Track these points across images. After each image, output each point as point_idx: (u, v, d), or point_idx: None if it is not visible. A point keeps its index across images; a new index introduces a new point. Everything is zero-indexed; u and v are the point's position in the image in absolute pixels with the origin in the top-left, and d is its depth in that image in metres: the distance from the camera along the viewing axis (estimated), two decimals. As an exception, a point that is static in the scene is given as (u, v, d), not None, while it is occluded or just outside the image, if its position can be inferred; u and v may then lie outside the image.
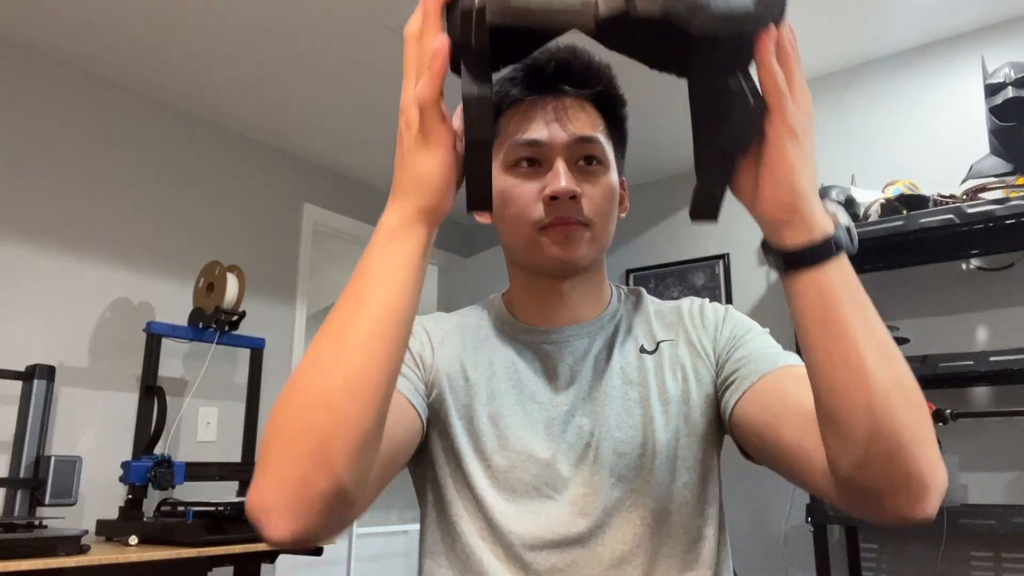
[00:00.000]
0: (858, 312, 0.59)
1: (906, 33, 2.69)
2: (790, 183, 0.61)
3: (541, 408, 0.79)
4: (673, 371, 0.81)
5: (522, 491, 0.76)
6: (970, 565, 2.32)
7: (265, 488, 0.58)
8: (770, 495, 2.77)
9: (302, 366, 0.60)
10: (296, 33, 2.32)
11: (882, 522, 0.62)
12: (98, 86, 2.60)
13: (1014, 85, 2.18)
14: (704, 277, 3.15)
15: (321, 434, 0.57)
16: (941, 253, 2.47)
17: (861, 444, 0.59)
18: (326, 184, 3.40)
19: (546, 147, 0.77)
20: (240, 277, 2.50)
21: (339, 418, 0.58)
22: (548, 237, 0.77)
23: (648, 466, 0.77)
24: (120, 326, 2.56)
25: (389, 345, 0.60)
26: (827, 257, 0.60)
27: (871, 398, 0.58)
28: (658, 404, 0.79)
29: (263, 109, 2.83)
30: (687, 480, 0.78)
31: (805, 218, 0.60)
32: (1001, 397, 2.36)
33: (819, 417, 0.62)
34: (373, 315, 0.59)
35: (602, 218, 0.78)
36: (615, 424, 0.78)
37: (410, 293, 0.61)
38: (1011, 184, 2.17)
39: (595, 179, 0.78)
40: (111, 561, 1.79)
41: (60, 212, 2.45)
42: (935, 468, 0.60)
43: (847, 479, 0.61)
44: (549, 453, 0.77)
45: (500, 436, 0.78)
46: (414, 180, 0.61)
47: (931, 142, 2.67)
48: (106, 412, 2.47)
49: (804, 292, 0.61)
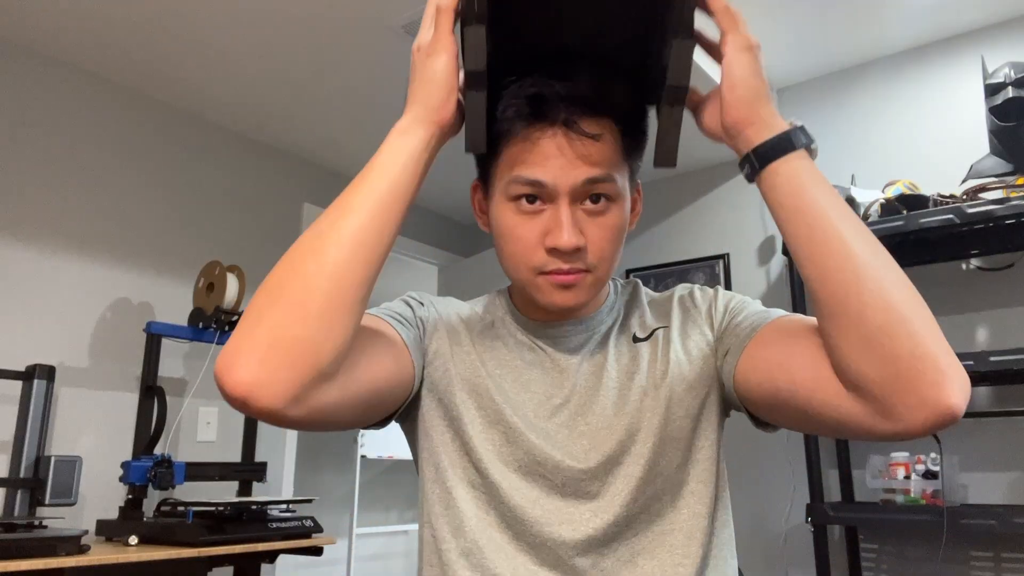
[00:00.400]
0: (829, 196, 0.65)
1: (906, 33, 2.69)
2: (747, 85, 0.69)
3: (535, 397, 0.80)
4: (665, 355, 0.81)
5: (515, 467, 0.77)
6: (970, 565, 2.32)
7: (240, 333, 0.62)
8: (770, 495, 2.77)
9: (305, 231, 0.67)
10: (296, 33, 2.32)
11: (910, 426, 0.60)
12: (98, 86, 2.60)
13: (1014, 85, 2.18)
14: (704, 277, 3.15)
15: (306, 278, 0.63)
16: (941, 253, 2.47)
17: (859, 326, 0.60)
18: (326, 184, 3.40)
19: (550, 188, 0.73)
20: (240, 277, 2.50)
21: (326, 268, 0.63)
22: (549, 283, 0.75)
23: (640, 450, 0.77)
24: (120, 326, 2.56)
25: (384, 215, 0.68)
26: (791, 149, 0.67)
27: (857, 271, 0.61)
28: (651, 388, 0.79)
29: (263, 109, 2.83)
30: (680, 460, 0.78)
31: (765, 118, 0.69)
32: (1001, 397, 2.36)
33: (818, 316, 0.65)
34: (375, 188, 0.68)
35: (607, 263, 0.76)
36: (613, 412, 0.78)
37: (409, 177, 0.70)
38: (1011, 184, 2.17)
39: (602, 220, 0.75)
40: (111, 561, 1.79)
41: (60, 212, 2.45)
42: (944, 350, 0.59)
43: (859, 378, 0.61)
44: (544, 440, 0.78)
45: (497, 411, 0.79)
46: (424, 84, 0.71)
47: (931, 142, 2.67)
48: (106, 412, 2.47)
49: (777, 184, 0.67)
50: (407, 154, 0.70)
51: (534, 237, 0.74)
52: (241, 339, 0.61)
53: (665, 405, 0.78)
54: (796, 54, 2.84)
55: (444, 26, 0.71)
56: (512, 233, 0.75)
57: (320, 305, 0.62)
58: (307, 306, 0.62)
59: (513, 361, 0.83)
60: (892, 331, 0.59)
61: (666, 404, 0.78)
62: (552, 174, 0.72)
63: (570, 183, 0.72)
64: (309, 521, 2.27)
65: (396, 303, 0.86)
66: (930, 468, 2.18)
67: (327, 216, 0.67)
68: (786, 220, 0.67)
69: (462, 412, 0.79)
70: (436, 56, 0.71)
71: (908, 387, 0.59)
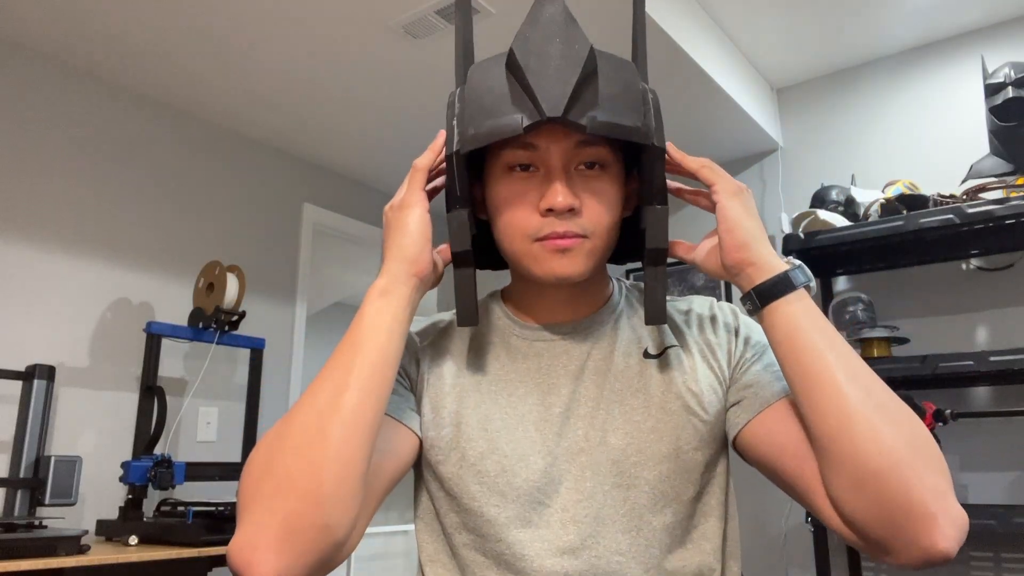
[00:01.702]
0: (825, 337, 0.67)
1: (906, 33, 2.69)
2: (744, 227, 0.72)
3: (533, 410, 0.76)
4: (679, 379, 0.77)
5: (512, 496, 0.73)
6: (970, 565, 2.32)
7: (252, 525, 0.60)
8: (770, 495, 2.77)
9: (297, 406, 0.66)
10: (297, 33, 2.32)
11: (901, 562, 0.60)
12: (98, 87, 2.60)
13: (1014, 85, 2.18)
14: (704, 277, 3.15)
15: (315, 465, 0.61)
16: (941, 253, 2.47)
17: (851, 468, 0.61)
18: (326, 184, 3.40)
19: (543, 152, 0.73)
20: (240, 277, 2.50)
21: (332, 452, 0.62)
22: (545, 250, 0.73)
23: (645, 476, 0.73)
24: (120, 326, 2.56)
25: (378, 382, 0.68)
26: (790, 289, 0.70)
27: (850, 415, 0.62)
28: (659, 413, 0.75)
29: (263, 109, 2.83)
30: (691, 494, 0.75)
31: (763, 259, 0.71)
32: (1001, 397, 2.36)
33: (813, 450, 0.66)
34: (366, 359, 0.68)
35: (602, 229, 0.74)
36: (611, 430, 0.74)
37: (397, 339, 0.71)
38: (1011, 184, 2.17)
39: (596, 185, 0.74)
40: (111, 561, 1.79)
41: (60, 212, 2.45)
42: (938, 493, 0.59)
43: (852, 515, 0.62)
44: (541, 457, 0.74)
45: (489, 440, 0.75)
46: (398, 237, 0.74)
47: (931, 142, 2.67)
48: (106, 412, 2.47)
49: (776, 323, 0.70)
50: (391, 316, 0.71)
51: (530, 203, 0.73)
52: (256, 533, 0.60)
53: (676, 434, 0.74)
54: (796, 54, 2.84)
55: (416, 183, 0.75)
56: (508, 202, 0.75)
57: (332, 489, 0.62)
58: (319, 492, 0.61)
59: (507, 375, 0.79)
60: (883, 475, 0.60)
61: (677, 433, 0.74)
62: (545, 138, 0.72)
63: (563, 145, 0.72)
64: (309, 521, 2.27)
65: None
66: (930, 468, 2.18)
67: (322, 391, 0.66)
68: (783, 357, 0.69)
69: (449, 452, 0.77)
70: (408, 209, 0.74)
71: (898, 531, 0.59)
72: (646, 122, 0.72)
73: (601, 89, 0.70)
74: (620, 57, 0.75)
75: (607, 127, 0.69)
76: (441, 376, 0.81)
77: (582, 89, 0.69)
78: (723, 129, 2.89)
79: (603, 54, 0.73)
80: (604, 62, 0.72)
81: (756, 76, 2.94)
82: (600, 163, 0.74)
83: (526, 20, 0.73)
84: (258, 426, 2.65)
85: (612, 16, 2.14)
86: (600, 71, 0.71)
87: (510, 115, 0.70)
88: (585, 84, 0.69)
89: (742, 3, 2.52)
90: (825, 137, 2.93)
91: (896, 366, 2.17)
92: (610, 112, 0.69)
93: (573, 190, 0.72)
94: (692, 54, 2.37)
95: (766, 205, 3.05)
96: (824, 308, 2.70)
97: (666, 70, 2.44)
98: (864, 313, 2.52)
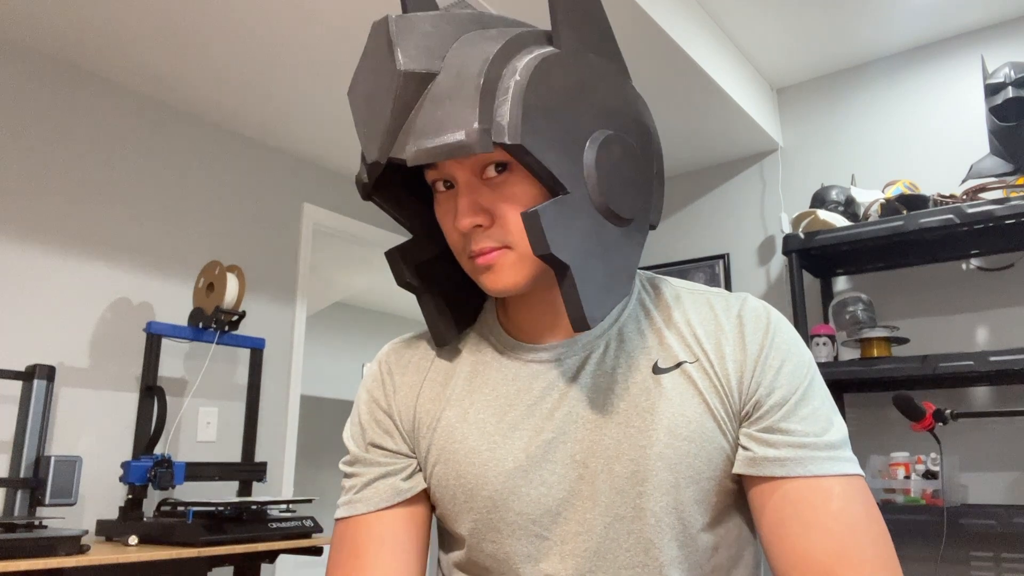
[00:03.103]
0: None
1: (906, 33, 2.69)
2: None
3: (524, 436, 0.69)
4: (694, 398, 0.67)
5: (508, 532, 0.68)
6: (970, 565, 2.32)
7: None
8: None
9: None
10: (297, 32, 2.32)
11: None
12: (97, 86, 2.60)
13: (1014, 85, 2.18)
14: (704, 277, 3.15)
15: None
16: (941, 253, 2.47)
17: None
18: (326, 184, 3.40)
19: (447, 168, 0.66)
20: (240, 277, 2.50)
21: None
22: (475, 267, 0.67)
23: (651, 507, 0.65)
24: (120, 326, 2.56)
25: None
26: None
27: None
28: (666, 437, 0.65)
29: (263, 109, 2.83)
30: (700, 525, 0.66)
31: None
32: (1001, 397, 2.36)
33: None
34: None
35: (525, 235, 0.65)
36: (615, 455, 0.66)
37: None
38: (1011, 184, 2.17)
39: (506, 191, 0.65)
40: (111, 561, 1.79)
41: (60, 212, 2.45)
42: None
43: None
44: (534, 487, 0.67)
45: (479, 476, 0.69)
46: None
47: (931, 142, 2.68)
48: (106, 412, 2.47)
49: None
50: None
51: (452, 222, 0.68)
52: None
53: (687, 462, 0.66)
54: (796, 54, 2.84)
55: None
56: (442, 222, 0.70)
57: None
58: None
59: (496, 399, 0.72)
60: None
61: (687, 461, 0.66)
62: None
63: (455, 160, 0.66)
64: (309, 521, 2.27)
65: (359, 466, 0.75)
66: (930, 468, 2.18)
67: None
68: None
69: (441, 490, 0.73)
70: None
71: None
72: (491, 120, 0.60)
73: (426, 109, 0.62)
74: (489, 40, 0.64)
75: (426, 154, 0.60)
76: (424, 410, 0.75)
77: (402, 119, 0.62)
78: (723, 129, 2.89)
79: (460, 48, 0.64)
80: (447, 67, 0.63)
81: (756, 76, 2.94)
82: (504, 165, 0.65)
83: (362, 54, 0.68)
84: (258, 426, 2.65)
85: (611, 17, 2.14)
86: (432, 87, 0.62)
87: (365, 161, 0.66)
88: (404, 112, 0.62)
89: (742, 3, 2.52)
90: (825, 137, 2.93)
91: (896, 366, 2.17)
92: (434, 132, 0.60)
93: (483, 201, 0.65)
94: (692, 54, 2.37)
95: (766, 205, 3.05)
96: (824, 308, 2.70)
97: (666, 70, 2.44)
98: (864, 313, 2.52)
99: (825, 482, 0.63)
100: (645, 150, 0.69)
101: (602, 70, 0.67)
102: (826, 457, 0.63)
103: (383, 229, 3.60)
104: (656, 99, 2.64)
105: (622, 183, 0.65)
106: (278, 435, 2.99)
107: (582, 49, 0.66)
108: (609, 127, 0.66)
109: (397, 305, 6.19)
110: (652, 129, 0.72)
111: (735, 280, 3.06)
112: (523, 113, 0.59)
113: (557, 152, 0.62)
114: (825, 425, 0.65)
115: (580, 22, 0.67)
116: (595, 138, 0.64)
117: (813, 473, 0.63)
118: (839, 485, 0.63)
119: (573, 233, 0.62)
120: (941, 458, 1.99)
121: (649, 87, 2.57)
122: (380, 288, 5.60)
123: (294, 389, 3.09)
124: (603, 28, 0.69)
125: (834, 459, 0.63)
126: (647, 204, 0.69)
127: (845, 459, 0.64)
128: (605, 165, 0.64)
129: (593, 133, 0.64)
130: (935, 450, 2.21)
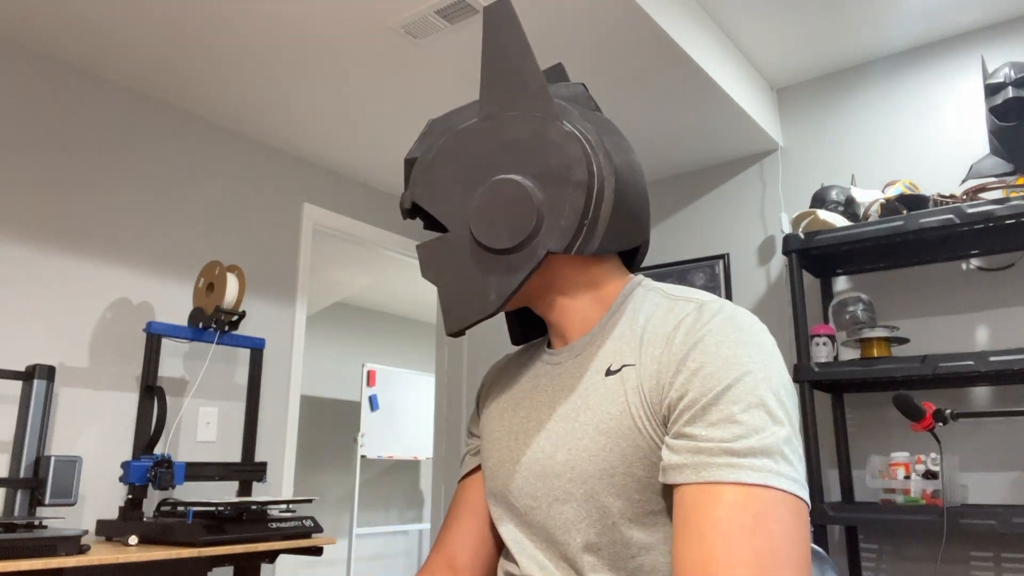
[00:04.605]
0: None
1: (906, 33, 2.69)
2: None
3: (520, 423, 0.83)
4: (622, 398, 0.70)
5: (500, 499, 0.83)
6: (970, 565, 2.32)
7: None
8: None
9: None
10: (297, 33, 2.32)
11: None
12: (97, 86, 2.60)
13: (1014, 85, 2.18)
14: (704, 277, 3.15)
15: None
16: (941, 253, 2.47)
17: None
18: (326, 184, 3.40)
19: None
20: (240, 277, 2.50)
21: None
22: None
23: (575, 493, 0.72)
24: (120, 326, 2.56)
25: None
26: None
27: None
28: (592, 432, 0.71)
29: (263, 109, 2.83)
30: (618, 515, 0.69)
31: None
32: (1001, 397, 2.36)
33: None
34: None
35: None
36: (560, 444, 0.74)
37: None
38: (1011, 184, 2.17)
39: None
40: (111, 561, 1.79)
41: (60, 212, 2.45)
42: None
43: None
44: (511, 465, 0.81)
45: (488, 449, 0.86)
46: None
47: (931, 142, 2.68)
48: (106, 412, 2.48)
49: None
50: None
51: None
52: None
53: (606, 456, 0.70)
54: (796, 54, 2.84)
55: None
56: None
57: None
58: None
59: (520, 403, 0.85)
60: None
61: (606, 455, 0.70)
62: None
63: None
64: (309, 521, 2.27)
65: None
66: (930, 468, 2.18)
67: None
68: None
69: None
70: None
71: None
72: (412, 191, 0.84)
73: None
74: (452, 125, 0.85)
75: (402, 208, 0.86)
76: (489, 408, 0.91)
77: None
78: (723, 129, 2.89)
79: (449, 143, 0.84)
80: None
81: (756, 76, 2.94)
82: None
83: None
84: (258, 426, 2.65)
85: (612, 16, 2.14)
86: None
87: None
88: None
89: (742, 3, 2.52)
90: (825, 137, 2.93)
91: (896, 366, 2.17)
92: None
93: None
94: (692, 54, 2.37)
95: (766, 205, 3.05)
96: (824, 308, 2.70)
97: (666, 70, 2.44)
98: (864, 313, 2.52)
99: (716, 488, 0.59)
100: (555, 182, 0.75)
101: (512, 127, 0.78)
102: (724, 464, 0.59)
103: (383, 229, 3.60)
104: (656, 99, 2.64)
105: (503, 219, 0.75)
106: (278, 435, 3.00)
107: (498, 112, 0.79)
108: (513, 171, 0.76)
109: (397, 305, 6.20)
110: (575, 160, 0.75)
111: (735, 280, 3.06)
112: (428, 180, 0.82)
113: (445, 203, 0.80)
114: (739, 432, 0.60)
115: (504, 88, 0.80)
116: (489, 184, 0.76)
117: (705, 479, 0.59)
118: (733, 493, 0.58)
119: (444, 263, 0.78)
120: (941, 458, 1.99)
121: (649, 87, 2.57)
122: (380, 288, 5.60)
123: (294, 389, 3.09)
124: (529, 81, 0.79)
125: (735, 466, 0.59)
126: (536, 233, 0.74)
127: (753, 468, 0.58)
128: (484, 206, 0.76)
129: (491, 179, 0.77)
130: (935, 450, 2.21)
